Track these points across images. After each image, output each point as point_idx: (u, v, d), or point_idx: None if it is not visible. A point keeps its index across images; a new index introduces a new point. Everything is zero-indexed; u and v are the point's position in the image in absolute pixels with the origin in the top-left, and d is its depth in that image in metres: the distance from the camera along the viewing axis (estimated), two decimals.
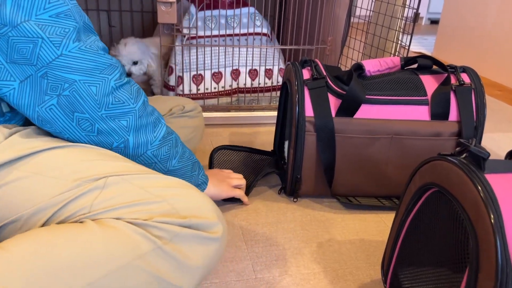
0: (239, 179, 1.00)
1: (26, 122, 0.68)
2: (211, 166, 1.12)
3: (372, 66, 1.06)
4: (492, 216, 0.51)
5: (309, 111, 0.97)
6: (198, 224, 0.59)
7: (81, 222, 0.56)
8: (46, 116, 0.60)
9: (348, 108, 0.97)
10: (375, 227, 0.97)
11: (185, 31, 1.46)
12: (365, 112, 0.98)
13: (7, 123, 0.64)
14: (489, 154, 0.55)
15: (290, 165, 1.02)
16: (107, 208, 0.56)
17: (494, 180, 0.55)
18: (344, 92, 0.97)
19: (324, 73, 1.00)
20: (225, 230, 0.62)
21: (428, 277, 0.67)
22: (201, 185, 0.85)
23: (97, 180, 0.58)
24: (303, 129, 0.97)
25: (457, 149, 0.61)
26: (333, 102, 0.98)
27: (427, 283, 0.66)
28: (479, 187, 0.53)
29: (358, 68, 1.03)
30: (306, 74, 1.00)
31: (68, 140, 0.64)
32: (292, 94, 0.99)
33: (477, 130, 0.99)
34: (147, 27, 1.94)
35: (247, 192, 1.03)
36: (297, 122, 0.97)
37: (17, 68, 0.57)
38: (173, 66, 1.46)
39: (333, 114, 0.97)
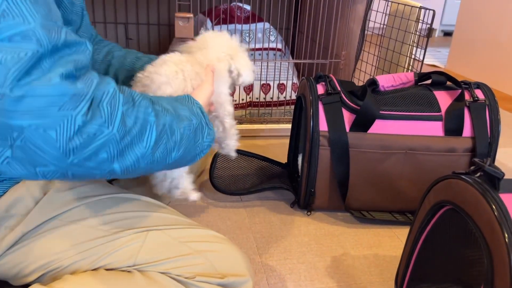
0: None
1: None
2: (212, 169, 1.11)
3: (386, 82, 1.07)
4: (506, 235, 0.52)
5: (323, 126, 0.99)
6: (233, 282, 0.62)
7: (128, 272, 0.59)
8: (4, 170, 0.47)
9: (362, 123, 0.98)
10: (389, 242, 0.97)
11: None
12: (379, 127, 0.99)
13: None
14: (503, 174, 0.56)
15: (304, 179, 1.03)
16: (151, 262, 0.59)
17: (509, 199, 0.55)
18: (358, 107, 0.98)
19: (339, 88, 1.02)
20: (253, 283, 0.65)
21: None
22: (203, 151, 0.66)
23: (138, 233, 0.61)
24: (317, 143, 0.98)
25: (472, 167, 0.62)
26: (347, 117, 0.99)
27: None
28: (494, 207, 0.54)
29: (372, 83, 1.04)
30: (320, 89, 1.02)
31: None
32: (307, 108, 1.01)
33: (491, 146, 0.99)
34: (163, 39, 1.98)
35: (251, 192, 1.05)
36: (311, 137, 0.98)
37: None
38: None
39: (347, 129, 0.98)
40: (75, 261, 0.59)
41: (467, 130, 0.99)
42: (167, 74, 0.69)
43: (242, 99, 1.56)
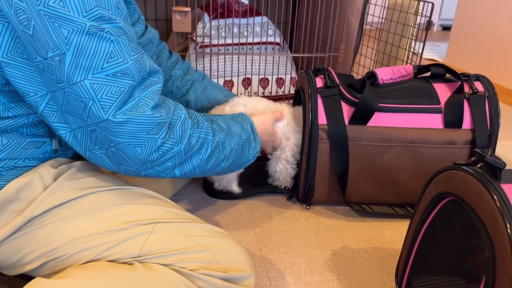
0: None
1: (75, 154, 0.71)
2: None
3: (385, 74, 1.06)
4: (508, 225, 0.51)
5: (322, 119, 0.98)
6: (236, 277, 0.63)
7: (130, 264, 0.59)
8: (95, 161, 0.62)
9: (362, 116, 0.97)
10: (389, 235, 0.97)
11: (198, 39, 1.48)
12: (379, 120, 0.98)
13: (58, 157, 0.67)
14: (505, 164, 0.56)
15: (303, 172, 1.02)
16: (156, 254, 0.60)
17: (510, 190, 0.55)
18: (358, 100, 0.98)
19: (338, 81, 1.01)
20: (255, 279, 0.66)
21: (443, 286, 0.67)
22: (249, 161, 0.82)
23: (145, 225, 0.62)
24: (316, 136, 0.98)
25: (473, 158, 0.62)
26: (346, 110, 0.98)
27: None
28: (495, 197, 0.54)
29: (371, 76, 1.03)
30: (319, 82, 1.01)
31: None
32: (305, 102, 1.00)
33: (491, 138, 0.99)
34: (161, 34, 1.96)
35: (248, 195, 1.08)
36: (310, 130, 0.98)
37: (70, 117, 0.58)
38: None
39: (346, 122, 0.98)
40: (80, 250, 0.59)
41: (466, 123, 0.99)
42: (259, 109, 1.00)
43: (241, 94, 1.55)
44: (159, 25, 1.95)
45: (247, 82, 1.55)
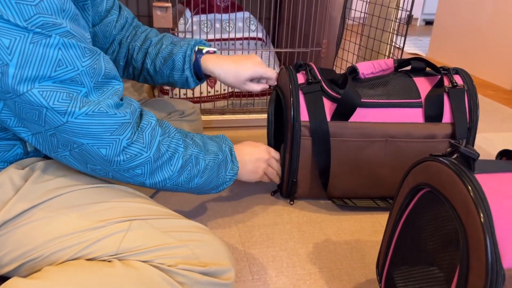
0: (275, 175, 0.98)
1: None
2: None
3: (366, 69, 1.07)
4: (482, 215, 0.53)
5: (304, 116, 0.98)
6: (215, 271, 0.62)
7: (109, 261, 0.59)
8: (61, 161, 0.61)
9: (343, 112, 0.98)
10: (370, 227, 0.98)
11: (180, 35, 1.47)
12: (360, 115, 0.99)
13: (28, 158, 0.66)
14: (478, 155, 0.57)
15: (286, 168, 1.03)
16: (133, 251, 0.59)
17: (484, 179, 0.56)
18: (339, 96, 0.98)
19: (319, 77, 1.01)
20: (235, 273, 0.66)
21: (421, 276, 0.68)
22: (226, 183, 0.81)
23: (121, 222, 0.61)
24: (299, 133, 0.98)
25: (448, 150, 0.63)
26: (328, 106, 0.99)
27: (420, 283, 0.67)
28: (469, 187, 0.55)
29: (353, 71, 1.04)
30: (301, 78, 1.01)
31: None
32: (287, 98, 1.00)
33: (471, 131, 1.00)
34: None
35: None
36: (292, 127, 0.98)
37: (27, 123, 0.57)
38: None
39: (328, 118, 0.98)
40: (56, 250, 0.58)
41: (446, 116, 1.00)
42: None
43: (224, 90, 1.55)
44: (141, 21, 1.93)
45: None
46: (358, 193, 1.05)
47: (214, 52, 0.95)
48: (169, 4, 1.27)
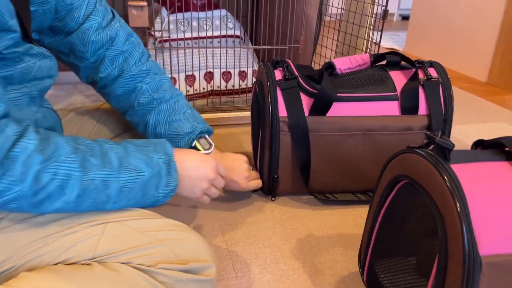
0: (217, 194, 0.81)
1: None
2: None
3: (342, 64, 1.08)
4: (458, 204, 0.53)
5: (282, 112, 0.99)
6: (196, 268, 0.61)
7: (88, 264, 0.57)
8: None
9: (321, 106, 0.98)
10: (352, 221, 0.99)
11: (157, 34, 1.46)
12: (338, 110, 1.00)
13: None
14: (453, 145, 0.58)
15: (266, 165, 1.03)
16: (110, 254, 0.58)
17: (460, 169, 0.57)
18: (316, 91, 0.99)
19: (296, 73, 1.02)
20: (217, 269, 0.65)
21: (402, 267, 0.69)
22: (159, 202, 0.68)
23: (96, 226, 0.60)
24: (277, 129, 0.98)
25: (425, 141, 0.64)
26: (306, 102, 0.99)
27: (401, 273, 0.68)
28: (445, 177, 0.56)
29: (329, 66, 1.05)
30: (278, 74, 1.01)
31: None
32: (265, 95, 1.00)
33: (446, 122, 1.02)
34: None
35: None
36: (271, 123, 0.98)
37: None
38: None
39: (306, 113, 0.99)
40: (30, 258, 0.57)
41: (422, 108, 1.02)
42: None
43: (203, 88, 1.54)
44: None
45: (209, 76, 1.54)
46: (339, 187, 1.06)
47: (209, 148, 0.89)
48: (145, 3, 1.25)
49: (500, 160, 0.60)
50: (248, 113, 1.50)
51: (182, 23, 1.49)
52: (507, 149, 0.62)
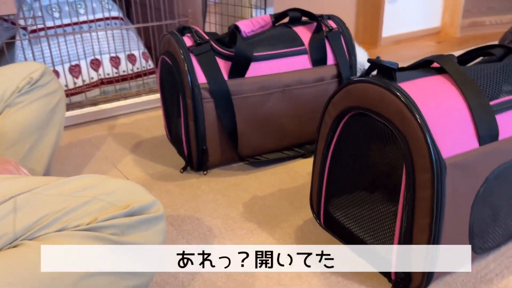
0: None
1: None
2: None
3: (246, 27, 1.07)
4: (417, 116, 0.57)
5: (201, 78, 0.94)
6: (140, 208, 0.55)
7: (15, 247, 0.48)
8: None
9: (239, 68, 0.96)
10: (287, 176, 1.00)
11: (21, 22, 1.28)
12: (255, 70, 0.99)
13: None
14: (398, 64, 0.61)
15: (193, 137, 0.98)
16: (37, 226, 0.49)
17: (407, 87, 0.60)
18: (232, 53, 0.97)
19: (207, 37, 0.98)
20: (161, 204, 0.59)
21: (363, 199, 0.71)
22: None
23: (3, 204, 0.50)
24: (200, 97, 0.94)
25: (362, 70, 0.66)
26: (223, 65, 0.97)
27: (363, 205, 0.71)
28: (399, 94, 0.59)
29: (235, 28, 1.03)
30: (188, 41, 0.97)
31: None
32: (179, 64, 0.95)
33: (352, 69, 1.09)
34: None
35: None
36: (192, 92, 0.93)
37: None
38: None
39: (226, 77, 0.96)
40: None
41: (330, 58, 1.07)
42: None
43: (92, 78, 1.40)
44: None
45: (96, 64, 1.40)
46: (267, 147, 1.06)
47: None
48: None
49: (434, 75, 0.65)
50: (147, 98, 1.41)
51: (54, 9, 1.33)
52: (435, 65, 0.67)
